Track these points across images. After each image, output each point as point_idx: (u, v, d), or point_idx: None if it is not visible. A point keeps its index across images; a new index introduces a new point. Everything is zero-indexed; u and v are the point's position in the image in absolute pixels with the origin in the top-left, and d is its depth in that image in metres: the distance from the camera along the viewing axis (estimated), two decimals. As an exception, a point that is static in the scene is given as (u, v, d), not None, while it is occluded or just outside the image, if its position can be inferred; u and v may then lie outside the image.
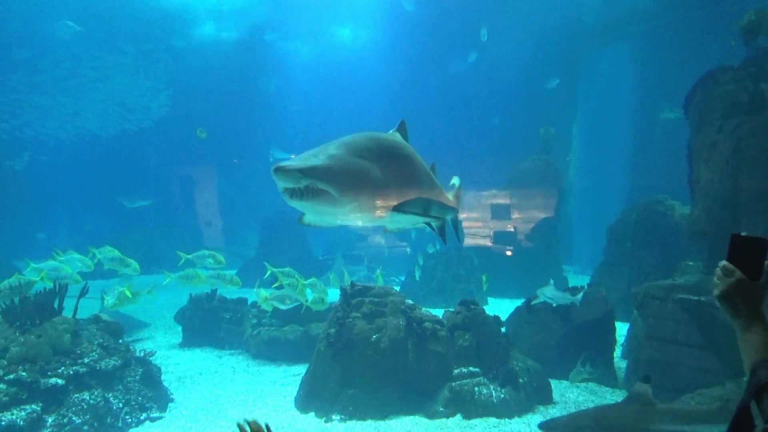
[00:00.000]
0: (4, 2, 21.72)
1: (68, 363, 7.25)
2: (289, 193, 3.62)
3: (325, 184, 3.61)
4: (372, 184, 3.89)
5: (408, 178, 4.39)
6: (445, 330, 7.81)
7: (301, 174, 3.56)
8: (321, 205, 3.73)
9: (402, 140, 4.67)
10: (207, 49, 27.17)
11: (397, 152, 4.41)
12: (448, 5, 22.72)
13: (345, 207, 3.80)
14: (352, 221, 4.24)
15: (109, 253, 9.95)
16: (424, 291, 14.81)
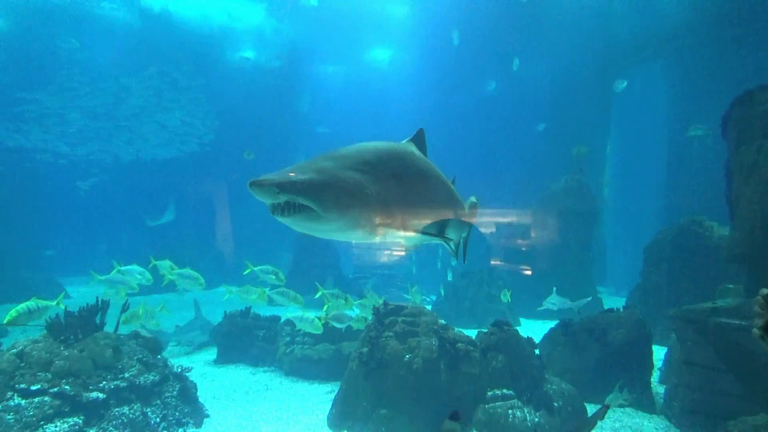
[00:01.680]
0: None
1: (109, 377, 7.45)
2: (271, 208, 3.47)
3: (305, 199, 3.40)
4: (363, 200, 3.63)
5: (415, 193, 4.11)
6: (478, 351, 7.78)
7: (278, 189, 3.35)
8: (304, 221, 3.52)
9: (413, 152, 4.38)
10: (245, 73, 27.96)
11: (403, 165, 4.14)
12: (482, 27, 22.89)
13: (331, 224, 3.57)
14: (344, 238, 3.97)
15: (168, 265, 10.12)
16: (456, 311, 14.74)
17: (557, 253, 17.17)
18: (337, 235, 3.88)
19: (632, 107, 25.72)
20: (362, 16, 23.93)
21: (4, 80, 24.43)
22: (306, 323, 9.29)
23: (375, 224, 3.74)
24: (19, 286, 20.29)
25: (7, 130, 27.73)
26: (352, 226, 3.65)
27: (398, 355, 7.82)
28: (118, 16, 23.73)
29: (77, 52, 23.98)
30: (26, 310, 8.17)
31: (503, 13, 22.47)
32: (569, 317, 10.58)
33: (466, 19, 22.53)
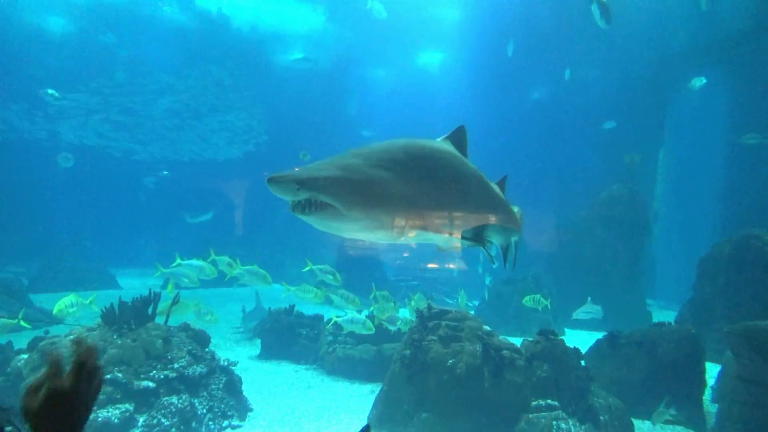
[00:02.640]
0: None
1: (159, 367, 7.68)
2: (291, 205, 3.36)
3: (327, 197, 3.28)
4: (389, 200, 3.49)
5: (449, 194, 3.91)
6: (523, 359, 7.66)
7: (299, 185, 3.24)
8: (325, 220, 3.41)
9: (449, 150, 4.17)
10: (296, 76, 28.46)
11: (436, 164, 3.94)
12: (534, 32, 22.56)
13: (355, 223, 3.46)
14: (369, 238, 3.81)
15: (226, 261, 10.29)
16: (499, 317, 14.55)
17: (605, 263, 16.71)
18: (362, 234, 3.75)
19: (688, 115, 24.85)
20: (413, 20, 23.93)
21: (72, 80, 25.58)
22: (358, 324, 9.34)
23: (402, 225, 3.61)
24: (77, 276, 21.21)
25: (74, 128, 29.09)
26: (376, 226, 3.54)
27: (441, 359, 7.78)
28: (176, 19, 24.56)
29: (139, 54, 25.03)
30: (69, 304, 8.82)
31: (556, 18, 22.09)
32: (610, 328, 10.28)
33: (518, 24, 22.25)
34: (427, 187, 3.73)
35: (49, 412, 1.49)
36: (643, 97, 21.67)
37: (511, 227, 5.06)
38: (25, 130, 28.75)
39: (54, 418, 1.49)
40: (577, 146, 25.11)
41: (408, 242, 4.15)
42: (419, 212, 3.66)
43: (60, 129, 29.23)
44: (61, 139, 29.76)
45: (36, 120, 28.23)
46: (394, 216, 3.56)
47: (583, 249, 17.12)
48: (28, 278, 20.44)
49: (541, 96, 27.43)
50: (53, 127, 29.11)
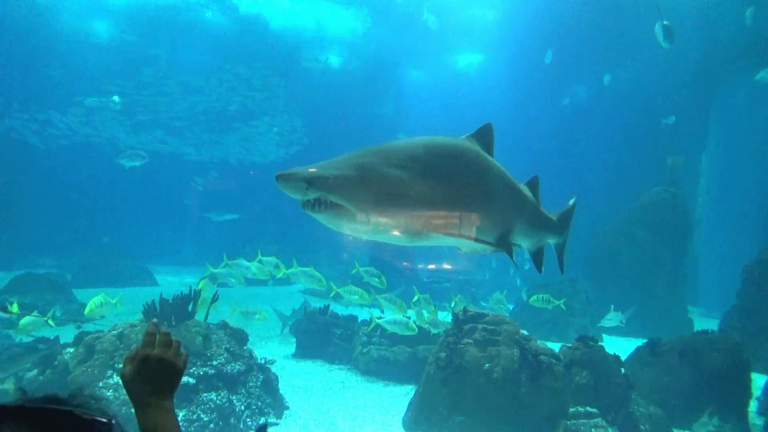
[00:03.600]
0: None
1: (199, 364, 7.82)
2: (302, 203, 3.28)
3: (337, 197, 3.17)
4: (404, 200, 3.36)
5: (471, 195, 3.73)
6: (561, 365, 7.55)
7: (308, 184, 3.15)
8: (336, 219, 3.31)
9: (473, 149, 3.98)
10: (333, 77, 28.72)
11: (458, 163, 3.78)
12: (574, 33, 22.21)
13: (366, 224, 3.34)
14: (383, 239, 3.65)
15: (273, 261, 10.39)
16: (534, 322, 14.37)
17: (645, 268, 16.27)
18: (376, 236, 3.61)
19: (735, 116, 24.11)
20: (451, 21, 23.82)
21: (122, 84, 26.35)
22: (401, 326, 9.36)
23: (419, 227, 3.47)
24: (119, 272, 21.82)
25: (127, 131, 29.98)
26: (390, 227, 3.43)
27: (477, 362, 7.72)
28: (217, 24, 25.09)
29: (183, 58, 25.66)
30: (98, 304, 9.20)
31: (596, 19, 21.69)
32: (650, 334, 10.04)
33: (557, 26, 21.95)
34: (448, 188, 3.58)
35: (140, 374, 1.78)
36: (686, 98, 21.11)
37: (542, 230, 4.84)
38: (81, 133, 29.65)
39: (144, 379, 1.77)
40: (616, 149, 24.64)
41: (428, 245, 3.96)
42: (438, 214, 3.52)
43: (113, 132, 30.05)
44: (108, 141, 30.60)
45: (95, 124, 29.11)
46: (409, 217, 3.43)
47: (622, 253, 16.71)
48: (72, 273, 21.08)
49: (580, 97, 26.98)
50: (106, 131, 29.96)
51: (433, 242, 3.76)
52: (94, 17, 24.87)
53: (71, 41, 25.37)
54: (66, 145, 29.99)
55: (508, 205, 4.18)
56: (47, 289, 15.48)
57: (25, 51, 24.98)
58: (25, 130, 28.79)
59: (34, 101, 27.24)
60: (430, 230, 3.51)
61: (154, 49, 25.63)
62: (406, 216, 3.42)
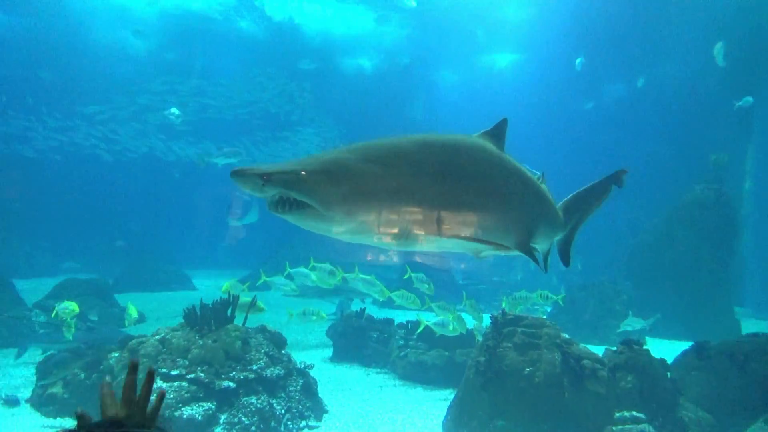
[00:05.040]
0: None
1: (239, 368, 7.89)
2: (268, 203, 3.06)
3: (299, 193, 2.93)
4: (383, 198, 3.06)
5: (478, 193, 3.42)
6: (606, 370, 7.36)
7: (263, 180, 2.90)
8: (303, 219, 3.06)
9: (481, 144, 3.70)
10: (363, 80, 28.81)
11: (461, 159, 3.44)
12: (610, 30, 21.76)
13: (339, 225, 3.07)
14: (367, 242, 3.35)
15: (328, 269, 10.42)
16: (574, 324, 14.08)
17: (689, 269, 15.75)
18: (355, 238, 3.30)
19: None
20: (482, 20, 23.63)
21: (157, 93, 26.98)
22: (448, 328, 9.31)
23: (405, 228, 3.14)
24: (158, 277, 22.29)
25: (177, 142, 30.67)
26: (366, 228, 3.12)
27: (517, 367, 7.59)
28: (251, 32, 25.47)
29: (223, 68, 26.15)
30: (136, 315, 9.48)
31: (632, 15, 21.20)
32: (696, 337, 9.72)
33: (593, 23, 21.53)
34: (446, 185, 3.25)
35: None
36: (729, 92, 20.39)
37: (557, 229, 4.55)
38: (125, 144, 30.43)
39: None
40: (656, 147, 24.03)
41: (427, 249, 3.60)
42: (431, 214, 3.17)
43: (153, 141, 30.75)
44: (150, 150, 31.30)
45: (133, 134, 29.86)
46: (391, 218, 3.10)
47: (664, 254, 16.21)
48: (113, 278, 21.64)
49: (618, 94, 26.41)
50: (146, 141, 30.68)
51: (432, 247, 3.46)
52: (128, 28, 25.52)
53: (106, 53, 26.08)
54: (110, 156, 30.83)
55: (525, 205, 3.87)
56: (90, 294, 15.86)
57: (62, 62, 25.81)
58: (88, 143, 29.67)
59: (93, 116, 28.07)
60: (424, 232, 3.20)
61: (193, 59, 26.17)
62: (385, 215, 3.10)
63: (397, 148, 3.35)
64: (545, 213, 4.18)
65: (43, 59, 25.73)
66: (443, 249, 3.67)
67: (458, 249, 3.71)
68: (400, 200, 3.10)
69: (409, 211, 3.13)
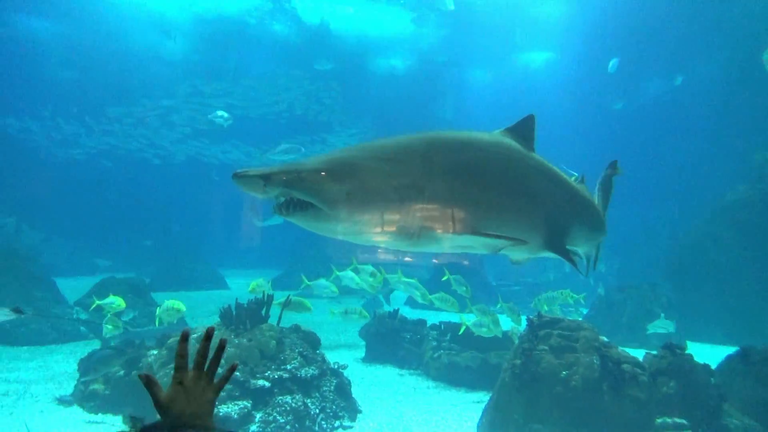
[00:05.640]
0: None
1: (273, 368, 7.96)
2: (274, 207, 3.00)
3: (302, 193, 2.85)
4: (389, 196, 2.93)
5: (499, 191, 3.29)
6: (646, 375, 7.17)
7: (265, 180, 2.84)
8: (310, 220, 2.97)
9: (501, 141, 3.58)
10: (395, 80, 28.80)
11: (480, 156, 3.33)
12: (646, 29, 21.24)
13: (345, 224, 2.96)
14: (377, 243, 3.22)
15: (370, 270, 10.46)
16: (611, 327, 13.77)
17: (733, 271, 15.20)
18: (361, 238, 3.17)
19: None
20: (515, 17, 23.34)
21: (197, 93, 27.48)
22: (485, 329, 9.25)
23: (413, 225, 3.01)
24: (193, 276, 22.72)
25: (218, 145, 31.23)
26: (374, 228, 3.01)
27: (554, 370, 7.46)
28: (285, 34, 25.72)
29: (259, 71, 26.49)
30: (164, 309, 9.52)
31: (669, 13, 20.62)
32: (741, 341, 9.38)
33: (629, 20, 21.03)
34: (458, 181, 3.12)
35: (177, 400, 1.66)
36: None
37: (598, 231, 4.41)
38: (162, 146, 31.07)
39: (184, 404, 1.65)
40: (695, 146, 23.36)
41: (441, 250, 3.46)
42: (443, 210, 3.05)
43: (203, 146, 31.27)
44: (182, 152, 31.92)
45: (190, 140, 30.45)
46: (399, 216, 2.98)
47: (706, 256, 15.68)
48: (150, 277, 22.11)
49: (654, 93, 25.75)
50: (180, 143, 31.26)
51: (443, 244, 3.28)
52: (162, 33, 26.05)
53: (143, 57, 26.67)
54: (146, 158, 31.53)
55: (555, 203, 3.71)
56: (128, 293, 16.23)
57: (102, 70, 26.51)
58: (132, 147, 30.40)
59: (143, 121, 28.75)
60: (432, 229, 3.06)
61: (228, 62, 26.56)
62: (394, 213, 2.97)
63: (405, 144, 3.25)
64: (582, 213, 4.03)
65: (83, 64, 26.44)
66: (459, 248, 3.53)
67: (476, 247, 3.52)
68: (409, 197, 2.97)
69: (420, 208, 3.00)
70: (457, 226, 3.07)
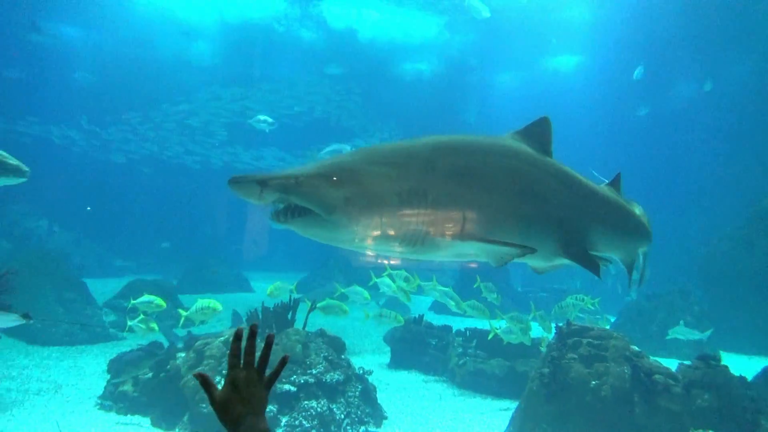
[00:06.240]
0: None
1: (299, 372, 7.96)
2: (272, 214, 2.92)
3: (299, 199, 2.78)
4: (390, 201, 2.83)
5: (506, 195, 3.15)
6: (680, 386, 6.98)
7: (261, 186, 2.76)
8: (309, 227, 2.88)
9: (510, 144, 3.46)
10: (421, 85, 28.76)
11: (486, 159, 3.20)
12: (676, 33, 20.83)
13: (344, 231, 2.86)
14: (378, 250, 3.10)
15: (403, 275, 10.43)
16: (641, 335, 13.47)
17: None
18: (363, 246, 3.06)
19: None
20: (545, 22, 23.09)
21: (223, 98, 27.82)
22: (515, 335, 9.16)
23: (418, 234, 2.90)
24: (218, 279, 22.91)
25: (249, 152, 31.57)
26: (374, 234, 2.90)
27: (583, 379, 7.33)
28: (310, 38, 25.91)
29: (283, 75, 26.70)
30: (197, 309, 9.23)
31: (697, 17, 20.19)
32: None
33: (662, 22, 20.64)
34: (462, 186, 3.01)
35: (232, 399, 1.69)
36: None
37: (635, 236, 4.20)
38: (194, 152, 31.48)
39: (238, 403, 1.68)
40: (728, 151, 22.82)
41: (445, 259, 3.31)
42: (447, 216, 2.94)
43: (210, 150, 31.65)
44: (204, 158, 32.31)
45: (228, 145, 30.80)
46: (402, 221, 2.87)
47: (742, 262, 15.18)
48: (177, 279, 22.38)
49: (689, 97, 25.21)
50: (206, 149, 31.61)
51: (447, 252, 3.16)
52: (192, 39, 26.44)
53: (172, 64, 27.11)
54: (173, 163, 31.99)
55: (572, 208, 3.55)
56: (156, 295, 16.45)
57: (135, 79, 27.02)
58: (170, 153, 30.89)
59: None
60: (435, 235, 2.94)
61: (256, 68, 26.84)
62: (395, 218, 2.87)
63: (408, 149, 3.15)
64: (607, 218, 3.85)
65: (115, 70, 26.99)
66: (463, 256, 3.38)
67: (481, 256, 3.37)
68: (411, 202, 2.88)
69: (422, 214, 2.89)
70: (462, 232, 2.96)
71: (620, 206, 4.01)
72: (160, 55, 26.85)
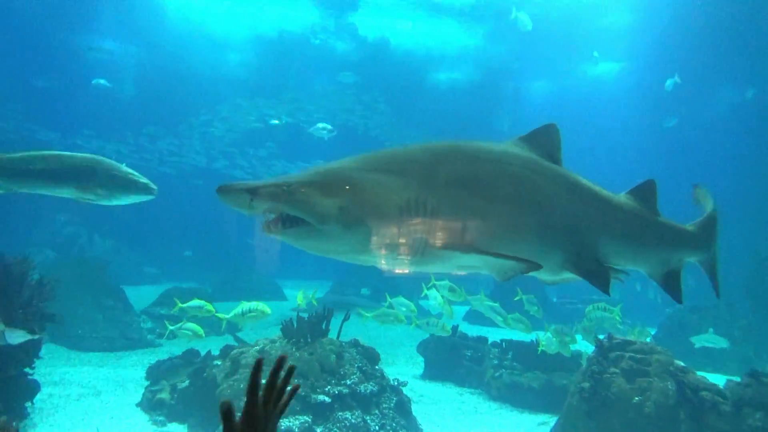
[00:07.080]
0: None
1: (333, 382, 7.91)
2: (263, 224, 2.79)
3: (291, 208, 2.66)
4: (392, 209, 2.72)
5: (495, 202, 2.99)
6: (729, 404, 6.70)
7: (250, 194, 2.65)
8: (302, 238, 2.77)
9: (514, 152, 3.32)
10: (454, 93, 28.67)
11: (490, 167, 3.07)
12: (721, 34, 20.26)
13: (339, 242, 2.75)
14: (376, 263, 2.97)
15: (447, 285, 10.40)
16: (683, 349, 13.01)
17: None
18: (360, 258, 2.93)
19: None
20: (584, 29, 22.76)
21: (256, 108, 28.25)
22: (554, 346, 8.99)
23: (419, 245, 2.78)
24: (252, 287, 23.14)
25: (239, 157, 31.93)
26: (371, 244, 2.76)
27: (625, 395, 7.11)
28: (345, 51, 26.16)
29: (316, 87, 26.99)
30: (240, 312, 9.22)
31: (740, 17, 19.61)
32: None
33: (703, 27, 20.10)
34: (463, 194, 2.90)
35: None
36: None
37: (667, 247, 3.96)
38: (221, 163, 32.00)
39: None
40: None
41: (443, 270, 3.26)
42: (447, 226, 2.81)
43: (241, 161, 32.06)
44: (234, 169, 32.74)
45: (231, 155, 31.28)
46: (400, 231, 2.76)
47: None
48: (212, 287, 22.68)
49: (731, 103, 24.48)
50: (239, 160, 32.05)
51: (448, 264, 3.05)
52: (227, 51, 26.95)
53: (207, 76, 27.67)
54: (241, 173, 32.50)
55: (582, 218, 3.38)
56: (194, 303, 16.70)
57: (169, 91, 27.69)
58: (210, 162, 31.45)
59: None
60: (435, 246, 2.82)
61: (288, 79, 27.18)
62: (393, 228, 2.76)
63: (407, 155, 3.05)
64: (624, 230, 3.63)
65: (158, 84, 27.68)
66: (466, 268, 3.27)
67: (484, 268, 3.25)
68: (409, 212, 2.76)
69: (421, 224, 2.77)
70: (463, 243, 2.83)
71: (641, 216, 3.77)
72: (198, 68, 27.44)
